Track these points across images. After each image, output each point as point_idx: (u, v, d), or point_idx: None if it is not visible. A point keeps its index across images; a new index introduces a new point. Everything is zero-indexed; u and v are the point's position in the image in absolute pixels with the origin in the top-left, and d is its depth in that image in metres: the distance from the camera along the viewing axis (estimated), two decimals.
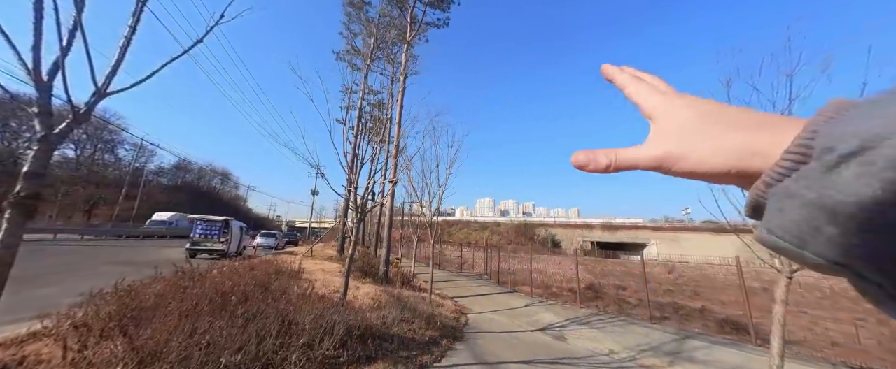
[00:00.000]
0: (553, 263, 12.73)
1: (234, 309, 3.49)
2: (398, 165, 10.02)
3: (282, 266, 8.09)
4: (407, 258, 17.68)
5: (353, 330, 3.79)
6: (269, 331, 3.16)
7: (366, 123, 14.68)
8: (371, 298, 6.29)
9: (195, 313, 3.30)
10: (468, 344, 4.90)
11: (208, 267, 6.02)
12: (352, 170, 5.91)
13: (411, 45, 12.38)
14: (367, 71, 13.25)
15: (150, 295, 3.89)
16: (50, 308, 3.40)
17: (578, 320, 7.07)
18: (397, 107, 11.06)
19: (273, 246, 22.89)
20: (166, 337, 2.73)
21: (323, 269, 9.95)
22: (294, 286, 5.56)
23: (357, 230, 6.14)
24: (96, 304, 3.31)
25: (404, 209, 21.96)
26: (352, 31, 15.23)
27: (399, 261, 15.22)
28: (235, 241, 14.63)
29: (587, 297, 9.42)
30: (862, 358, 4.94)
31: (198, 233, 13.48)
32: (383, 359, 3.65)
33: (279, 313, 3.53)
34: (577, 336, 5.86)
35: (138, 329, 2.94)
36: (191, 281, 4.46)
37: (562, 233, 40.09)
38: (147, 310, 3.47)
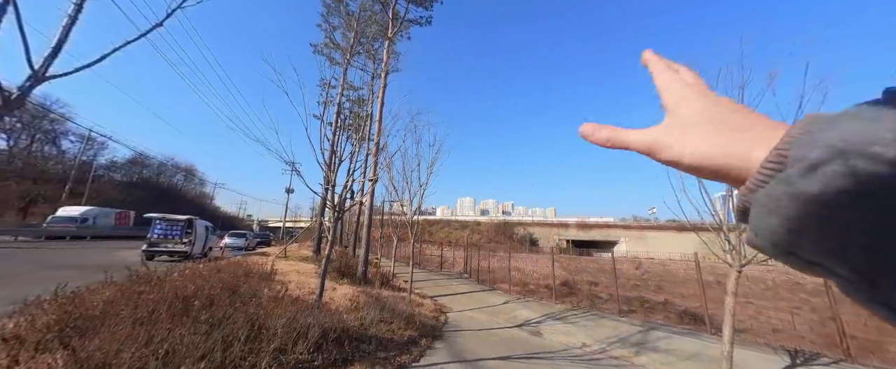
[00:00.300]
0: (531, 261, 13.10)
1: (198, 314, 3.25)
2: (378, 163, 9.83)
3: (252, 267, 7.67)
4: (387, 258, 17.43)
5: (328, 333, 3.67)
6: (236, 337, 2.98)
7: (345, 120, 14.27)
8: (348, 299, 6.13)
9: (152, 320, 3.04)
10: (447, 342, 4.92)
11: (168, 270, 5.58)
12: (329, 167, 5.71)
13: (393, 41, 12.19)
14: (346, 66, 12.87)
15: (98, 303, 3.53)
16: None
17: (554, 316, 7.33)
18: (378, 103, 10.84)
19: (243, 246, 21.68)
20: (117, 348, 2.49)
21: (297, 271, 9.56)
22: (265, 288, 5.29)
23: (334, 229, 5.96)
24: (31, 314, 2.95)
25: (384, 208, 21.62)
26: (331, 24, 14.72)
27: (378, 260, 14.98)
28: (200, 242, 13.66)
29: (562, 293, 9.79)
30: (797, 342, 5.54)
31: (156, 233, 12.44)
32: (360, 361, 3.58)
33: (248, 317, 3.34)
34: (552, 331, 6.07)
35: (83, 340, 2.66)
36: (147, 286, 4.10)
37: (539, 232, 41.37)
38: (94, 319, 3.14)
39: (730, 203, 3.60)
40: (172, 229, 12.65)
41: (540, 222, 46.19)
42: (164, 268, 5.65)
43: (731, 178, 0.24)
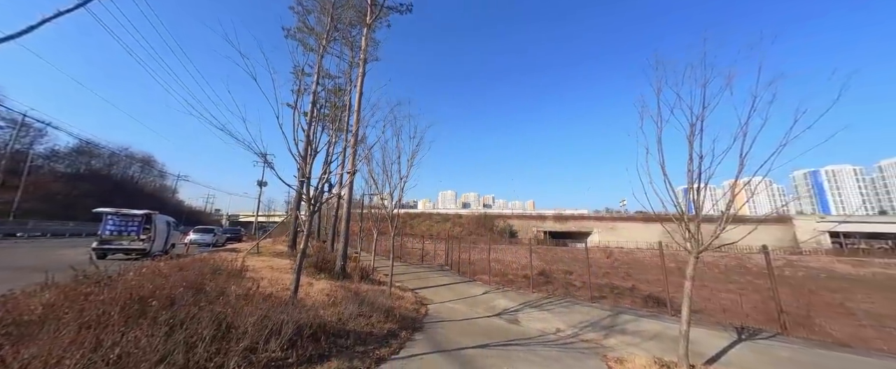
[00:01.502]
0: (510, 252, 13.48)
1: (156, 315, 3.01)
2: (357, 155, 9.54)
3: (220, 264, 7.24)
4: (367, 252, 17.16)
5: (303, 329, 3.55)
6: (201, 337, 2.80)
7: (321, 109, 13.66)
8: (326, 294, 5.97)
9: (101, 323, 2.77)
10: (427, 333, 4.96)
11: (122, 269, 5.12)
12: (304, 159, 5.45)
13: (372, 28, 11.73)
14: (322, 52, 12.24)
15: (36, 306, 3.17)
16: None
17: (531, 304, 7.60)
18: (357, 93, 10.46)
19: (211, 243, 20.44)
20: (59, 355, 2.25)
21: (271, 267, 9.16)
22: (234, 286, 5.02)
23: (310, 223, 5.73)
24: None
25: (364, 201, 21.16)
26: (304, 7, 13.89)
27: (358, 255, 14.71)
28: (161, 238, 12.67)
29: (539, 283, 10.17)
30: (743, 319, 6.15)
31: (108, 229, 11.37)
32: (338, 356, 3.51)
33: (215, 316, 3.14)
34: (528, 318, 6.30)
35: (17, 347, 2.38)
36: (95, 287, 3.74)
37: (518, 224, 42.54)
38: (32, 325, 2.82)
39: (691, 195, 3.86)
40: (128, 225, 11.62)
41: (519, 214, 47.45)
42: (118, 267, 5.18)
43: None
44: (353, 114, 10.18)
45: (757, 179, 3.83)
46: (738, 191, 3.82)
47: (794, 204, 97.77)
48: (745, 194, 4.01)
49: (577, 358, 4.22)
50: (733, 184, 3.83)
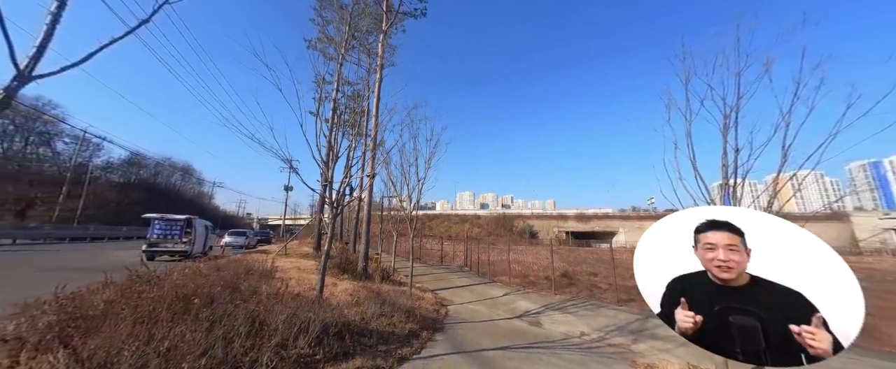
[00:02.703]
0: (530, 253, 13.20)
1: (198, 312, 3.27)
2: (376, 159, 9.79)
3: (253, 265, 7.70)
4: (387, 253, 17.51)
5: (329, 328, 3.70)
6: (237, 333, 3.01)
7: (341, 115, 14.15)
8: (349, 294, 6.18)
9: (152, 319, 3.05)
10: (448, 334, 4.98)
11: (168, 269, 5.59)
12: (327, 164, 5.68)
13: (388, 35, 12.01)
14: (341, 61, 12.66)
15: (98, 302, 3.54)
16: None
17: (553, 306, 7.42)
18: (374, 98, 10.74)
19: (243, 245, 21.72)
20: (119, 347, 2.51)
21: (298, 267, 9.60)
22: (265, 286, 5.31)
23: (333, 225, 5.97)
24: (32, 315, 2.96)
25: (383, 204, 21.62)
26: (324, 18, 14.46)
27: (378, 256, 15.04)
28: (200, 241, 13.67)
29: (561, 284, 9.89)
30: None
31: (155, 233, 12.44)
32: (361, 355, 3.62)
33: (249, 314, 3.36)
34: (551, 321, 6.15)
35: (85, 339, 2.68)
36: (147, 285, 4.11)
37: (538, 224, 41.57)
38: (95, 319, 3.16)
39: (727, 191, 3.62)
40: (172, 229, 12.65)
41: (539, 214, 46.38)
42: (164, 268, 5.66)
43: None
44: (372, 119, 10.46)
45: (803, 172, 3.51)
46: (782, 185, 3.52)
47: (851, 199, 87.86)
48: (791, 189, 3.70)
49: (603, 362, 4.07)
50: (775, 179, 3.54)
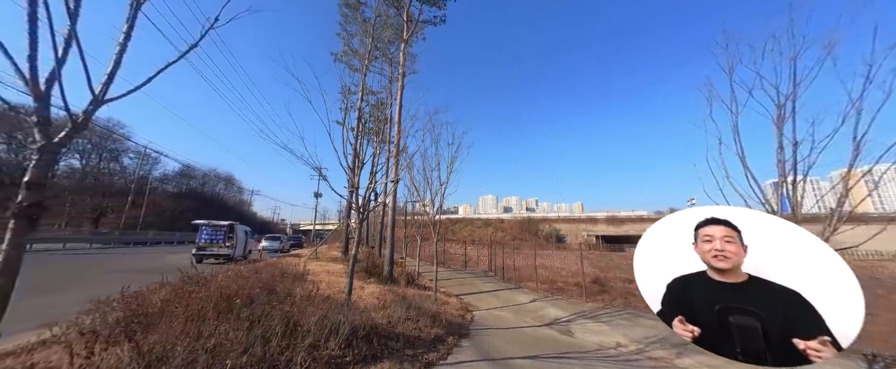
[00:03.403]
0: (558, 258, 12.68)
1: (239, 312, 3.50)
2: (399, 164, 10.01)
3: (287, 268, 8.14)
4: (411, 257, 17.71)
5: (358, 330, 3.79)
6: (274, 333, 3.17)
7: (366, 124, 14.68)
8: (376, 298, 6.30)
9: (200, 317, 3.31)
10: (474, 340, 4.90)
11: (213, 271, 6.07)
12: (353, 171, 5.90)
13: (409, 43, 12.34)
14: (365, 71, 13.23)
15: (156, 301, 3.92)
16: (58, 316, 3.44)
17: (584, 314, 7.04)
18: (397, 106, 11.04)
19: (278, 249, 23.07)
20: (173, 342, 2.75)
21: (327, 270, 9.99)
22: (298, 288, 5.58)
23: (360, 230, 6.16)
24: (103, 311, 3.34)
25: (407, 208, 21.98)
26: (349, 32, 15.20)
27: (403, 260, 15.25)
28: (241, 245, 14.74)
29: (593, 291, 9.37)
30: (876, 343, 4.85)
31: (203, 238, 13.61)
32: (389, 358, 3.66)
33: (284, 315, 3.54)
34: (583, 330, 5.83)
35: (145, 334, 2.97)
36: (196, 286, 4.49)
37: (566, 228, 39.95)
38: (153, 316, 3.49)
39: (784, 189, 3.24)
40: (217, 234, 13.78)
41: (566, 218, 44.60)
42: (210, 270, 6.16)
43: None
44: (395, 126, 10.73)
45: (881, 167, 3.05)
46: (855, 182, 3.08)
47: None
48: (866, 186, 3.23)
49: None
50: (846, 175, 3.11)
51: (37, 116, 2.30)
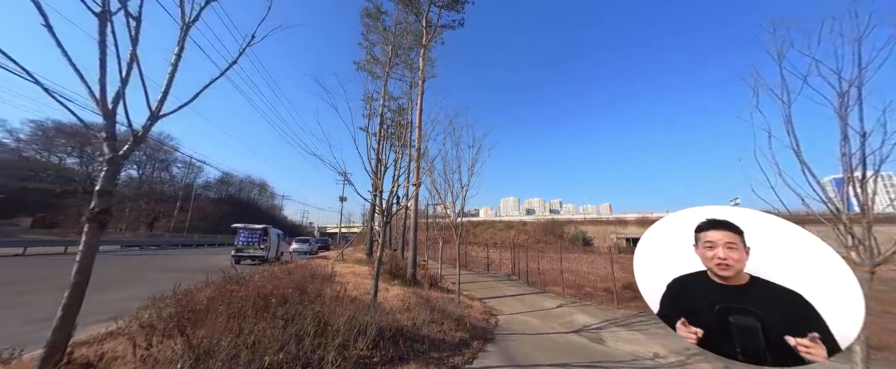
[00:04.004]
0: (585, 262, 12.15)
1: (275, 310, 3.70)
2: (420, 168, 10.13)
3: (316, 270, 8.49)
4: (433, 260, 17.79)
5: (384, 331, 3.86)
6: (306, 332, 3.31)
7: (387, 129, 15.05)
8: (400, 300, 6.39)
9: (241, 315, 3.54)
10: (499, 345, 4.81)
11: (250, 272, 6.47)
12: (376, 175, 6.06)
13: (428, 49, 12.52)
14: (386, 78, 13.60)
15: (202, 299, 4.25)
16: (121, 311, 3.83)
17: (617, 321, 6.67)
18: (417, 111, 11.22)
19: (307, 251, 24.14)
20: (218, 337, 2.96)
21: (353, 272, 10.30)
22: (327, 289, 5.80)
23: (384, 233, 6.29)
24: (158, 307, 3.68)
25: (428, 211, 22.16)
26: (370, 42, 15.72)
27: (426, 262, 15.36)
28: (274, 247, 15.61)
29: (625, 297, 8.86)
30: None
31: (241, 240, 14.58)
32: (415, 360, 3.68)
33: (315, 315, 3.69)
34: (615, 338, 5.53)
35: (194, 329, 3.22)
36: (236, 285, 4.81)
37: (593, 231, 38.26)
38: (200, 312, 3.78)
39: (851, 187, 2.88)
40: (252, 236, 14.71)
41: (593, 220, 42.72)
42: (248, 271, 6.57)
43: None
44: (415, 130, 10.90)
45: None
46: None
47: None
48: None
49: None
50: None
51: (105, 132, 2.60)
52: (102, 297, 5.78)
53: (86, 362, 2.66)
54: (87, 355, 2.83)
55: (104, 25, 2.46)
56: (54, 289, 7.07)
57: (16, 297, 5.99)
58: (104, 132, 2.57)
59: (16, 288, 6.78)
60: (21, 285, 7.27)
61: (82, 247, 2.44)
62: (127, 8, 2.61)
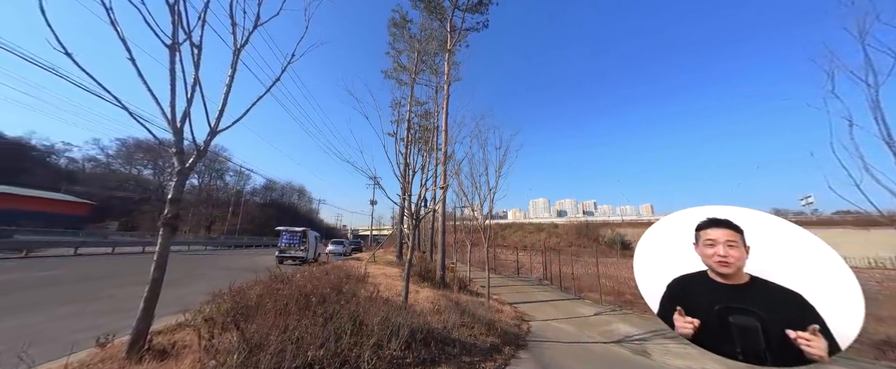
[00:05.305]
0: (624, 267, 11.32)
1: (315, 309, 3.94)
2: (447, 171, 10.21)
3: (350, 270, 8.89)
4: (461, 262, 17.75)
5: (416, 333, 3.93)
6: (344, 330, 3.48)
7: (415, 134, 15.39)
8: (430, 302, 6.46)
9: (286, 312, 3.82)
10: (533, 352, 4.65)
11: (292, 272, 6.96)
12: (405, 179, 6.23)
13: (452, 53, 12.64)
14: (412, 84, 13.89)
15: (252, 296, 4.66)
16: (188, 304, 4.33)
17: (664, 333, 6.12)
18: (443, 115, 11.34)
19: (342, 252, 25.37)
20: (267, 332, 3.22)
21: (385, 274, 10.62)
22: (361, 289, 6.04)
23: (413, 236, 6.42)
24: (217, 303, 4.10)
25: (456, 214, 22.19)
26: (397, 50, 16.24)
27: (454, 265, 15.38)
28: (312, 249, 16.64)
29: None
30: None
31: (284, 242, 15.75)
32: (446, 363, 3.69)
33: (351, 314, 3.86)
34: (663, 351, 5.08)
35: (247, 323, 3.54)
36: (281, 284, 5.20)
37: (632, 233, 35.61)
38: (251, 308, 4.15)
39: None
40: (293, 238, 15.82)
41: (632, 222, 39.84)
42: (290, 271, 7.08)
43: None
44: (442, 134, 11.02)
45: None
46: None
47: None
48: None
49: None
50: None
51: (175, 147, 2.97)
52: (175, 292, 6.58)
53: (162, 349, 3.05)
54: (162, 343, 3.24)
55: (174, 55, 2.83)
56: (133, 284, 8.14)
57: (107, 290, 7.05)
58: (173, 148, 2.94)
59: (107, 283, 7.97)
60: (111, 280, 8.53)
61: (158, 248, 2.80)
62: (191, 39, 2.97)
